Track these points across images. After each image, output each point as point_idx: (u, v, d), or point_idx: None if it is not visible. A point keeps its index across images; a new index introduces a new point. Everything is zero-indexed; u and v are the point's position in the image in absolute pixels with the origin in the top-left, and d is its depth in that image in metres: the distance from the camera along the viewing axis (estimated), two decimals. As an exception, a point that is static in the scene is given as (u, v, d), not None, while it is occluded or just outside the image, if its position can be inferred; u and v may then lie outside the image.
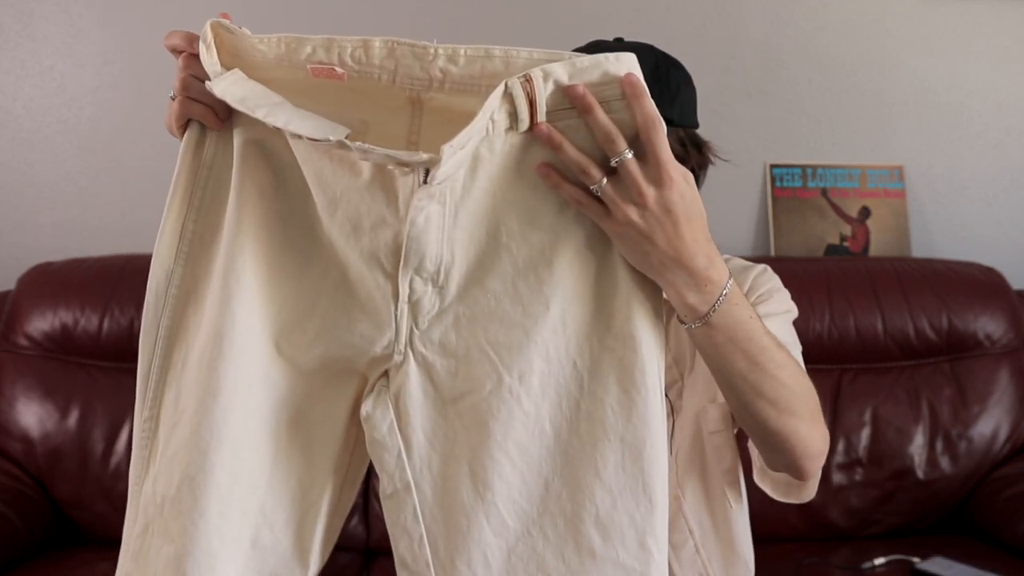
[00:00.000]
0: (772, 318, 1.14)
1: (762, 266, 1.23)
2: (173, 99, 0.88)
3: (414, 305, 0.86)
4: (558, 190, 0.84)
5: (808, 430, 1.02)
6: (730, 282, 0.89)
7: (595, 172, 0.83)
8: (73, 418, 1.97)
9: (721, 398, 1.09)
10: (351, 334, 0.87)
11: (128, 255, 2.09)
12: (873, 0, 2.33)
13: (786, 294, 1.21)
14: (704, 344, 0.92)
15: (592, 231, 0.87)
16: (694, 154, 1.16)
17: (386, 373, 0.88)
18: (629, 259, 0.86)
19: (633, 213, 0.83)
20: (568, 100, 0.82)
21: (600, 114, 0.81)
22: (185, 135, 0.89)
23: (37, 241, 2.24)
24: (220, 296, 0.86)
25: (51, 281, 2.04)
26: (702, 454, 1.18)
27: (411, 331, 0.87)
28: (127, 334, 1.99)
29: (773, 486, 1.15)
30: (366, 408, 0.88)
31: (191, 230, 0.88)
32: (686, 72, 1.16)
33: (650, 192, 0.82)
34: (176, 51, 0.87)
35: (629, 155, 0.82)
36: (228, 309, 0.85)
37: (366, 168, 0.83)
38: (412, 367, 0.87)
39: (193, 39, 0.85)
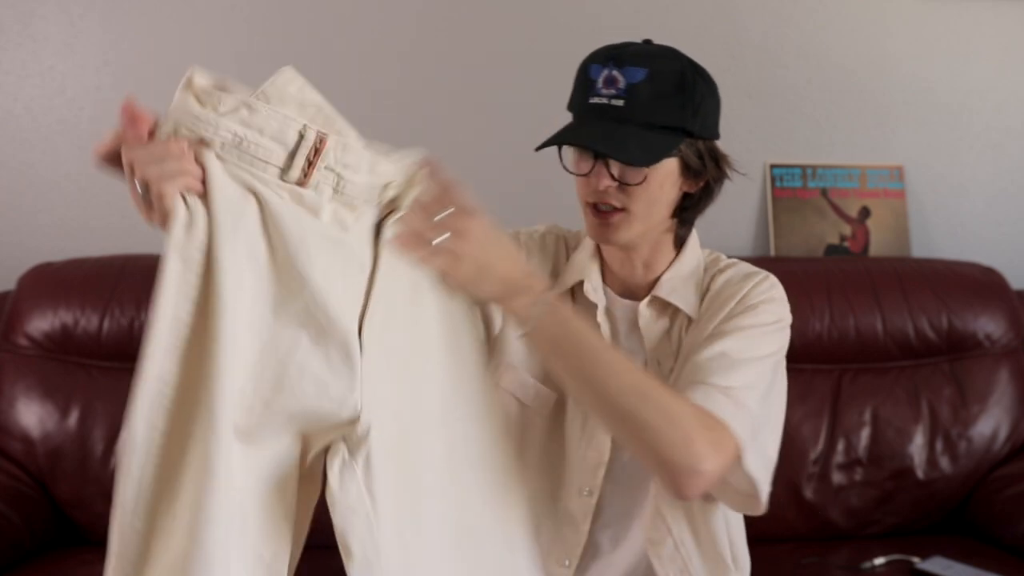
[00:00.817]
0: (744, 331, 1.13)
1: (764, 274, 1.21)
2: (144, 194, 0.81)
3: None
4: (407, 252, 0.95)
5: (666, 437, 1.02)
6: (548, 295, 1.04)
7: (428, 234, 0.96)
8: (73, 418, 1.97)
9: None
10: (326, 400, 0.87)
11: (128, 255, 2.09)
12: (873, 0, 2.33)
13: (780, 305, 1.19)
14: (537, 349, 1.08)
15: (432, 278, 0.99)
16: (711, 167, 1.17)
17: (343, 438, 0.88)
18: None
19: (445, 257, 0.97)
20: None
21: (427, 211, 0.96)
22: (172, 229, 0.82)
23: (37, 241, 2.24)
24: (209, 432, 0.82)
25: (51, 281, 2.04)
26: None
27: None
28: (127, 334, 1.99)
29: (722, 496, 1.16)
30: (333, 476, 0.88)
31: (186, 322, 0.83)
32: (712, 82, 1.16)
33: (456, 238, 0.97)
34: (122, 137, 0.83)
35: (444, 213, 0.96)
36: (219, 449, 0.82)
37: (353, 224, 0.91)
38: (373, 425, 0.88)
39: (135, 117, 0.82)
